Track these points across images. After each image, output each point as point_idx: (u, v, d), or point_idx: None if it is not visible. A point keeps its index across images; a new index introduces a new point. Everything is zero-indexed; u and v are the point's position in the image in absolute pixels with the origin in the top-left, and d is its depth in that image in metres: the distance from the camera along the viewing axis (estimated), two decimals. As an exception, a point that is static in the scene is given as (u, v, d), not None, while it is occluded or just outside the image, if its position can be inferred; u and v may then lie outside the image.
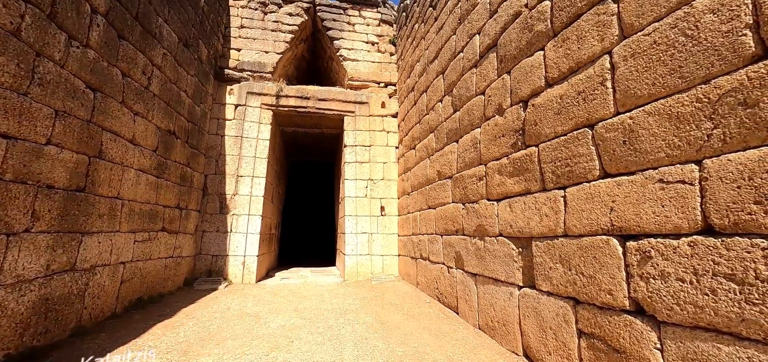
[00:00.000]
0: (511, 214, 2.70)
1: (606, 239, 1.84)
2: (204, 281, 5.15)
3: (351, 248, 5.96)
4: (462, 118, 3.66)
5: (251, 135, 6.02)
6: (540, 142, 2.41)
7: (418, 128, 5.18)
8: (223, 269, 5.48)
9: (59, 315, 2.65)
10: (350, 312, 3.77)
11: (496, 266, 2.86)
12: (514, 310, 2.61)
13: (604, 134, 1.90)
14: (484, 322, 3.04)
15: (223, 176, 5.77)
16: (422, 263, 4.71)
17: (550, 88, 2.34)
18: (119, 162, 3.34)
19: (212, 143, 5.84)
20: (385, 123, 6.63)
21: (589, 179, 1.98)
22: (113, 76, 3.21)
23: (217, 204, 5.67)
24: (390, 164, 6.47)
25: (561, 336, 2.13)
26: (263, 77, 6.36)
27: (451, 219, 3.79)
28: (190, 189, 5.12)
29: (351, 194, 6.20)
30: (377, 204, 6.25)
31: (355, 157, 6.37)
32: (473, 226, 3.28)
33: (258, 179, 5.90)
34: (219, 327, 3.18)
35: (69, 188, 2.71)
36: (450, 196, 3.88)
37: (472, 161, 3.37)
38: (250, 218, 5.72)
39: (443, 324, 3.32)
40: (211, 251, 5.51)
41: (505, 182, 2.80)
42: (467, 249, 3.38)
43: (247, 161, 5.90)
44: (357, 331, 3.10)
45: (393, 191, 6.36)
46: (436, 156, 4.37)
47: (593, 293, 1.90)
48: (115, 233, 3.31)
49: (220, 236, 5.57)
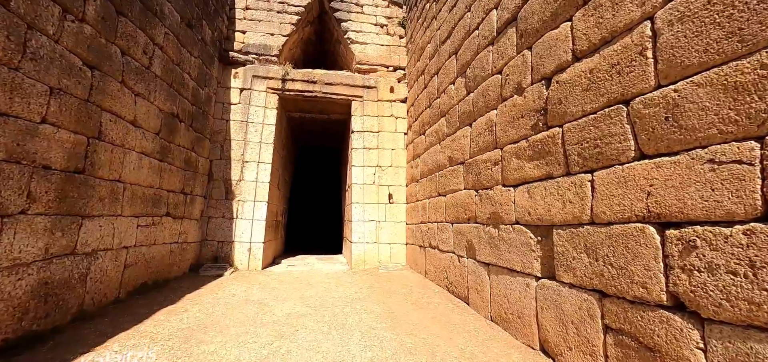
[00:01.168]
0: (529, 201, 2.53)
1: (641, 226, 1.66)
2: (210, 267, 5.11)
3: (358, 236, 5.85)
4: (476, 100, 3.46)
5: (257, 120, 5.89)
6: (564, 122, 2.21)
7: (429, 112, 4.99)
8: (229, 256, 5.42)
9: (60, 300, 2.58)
10: (357, 300, 3.66)
11: (512, 256, 2.70)
12: (531, 302, 2.46)
13: (641, 111, 1.70)
14: (496, 313, 2.90)
15: (228, 161, 5.67)
16: (431, 252, 4.57)
17: (577, 63, 2.14)
18: (120, 144, 3.24)
19: (217, 127, 5.73)
20: (393, 108, 6.43)
21: (622, 161, 1.79)
22: (112, 54, 3.08)
23: (223, 190, 5.59)
24: (398, 150, 6.29)
25: (584, 331, 1.98)
26: (269, 60, 6.19)
27: (463, 207, 3.62)
28: (195, 174, 5.03)
29: (358, 181, 6.06)
30: (385, 192, 6.11)
31: (362, 143, 6.20)
32: (487, 214, 3.12)
33: (264, 165, 5.79)
34: (223, 313, 3.10)
35: (67, 169, 2.62)
36: (462, 182, 3.70)
37: (487, 146, 3.19)
38: (256, 204, 5.63)
39: (453, 315, 3.19)
40: (217, 237, 5.45)
41: (523, 166, 2.62)
42: (480, 238, 3.22)
43: (253, 147, 5.79)
44: (364, 320, 2.99)
45: (401, 179, 6.20)
46: (447, 141, 4.19)
47: (624, 286, 1.73)
48: (116, 217, 3.22)
49: (225, 222, 5.50)
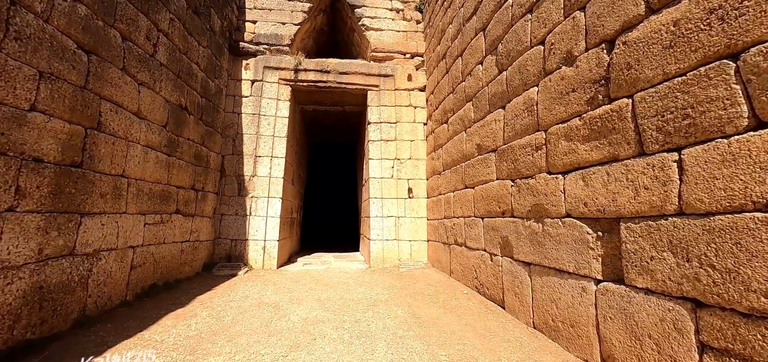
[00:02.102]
0: (585, 189, 2.13)
1: (763, 216, 1.26)
2: (223, 266, 4.89)
3: (376, 232, 5.53)
4: (511, 77, 3.06)
5: (269, 112, 5.63)
6: (636, 91, 1.81)
7: (452, 98, 4.60)
8: (243, 254, 5.20)
9: (58, 305, 2.36)
10: (379, 303, 3.34)
11: (561, 254, 2.31)
12: (589, 309, 2.07)
13: (760, 64, 1.29)
14: (541, 320, 2.51)
15: (240, 156, 5.45)
16: (457, 249, 4.20)
17: (654, 16, 1.72)
18: (123, 136, 3.01)
19: (229, 121, 5.51)
20: (412, 97, 6.06)
21: (729, 132, 1.38)
22: (111, 38, 2.85)
23: (236, 186, 5.36)
24: (418, 142, 5.92)
25: (668, 349, 1.58)
26: (280, 51, 5.93)
27: (496, 199, 3.24)
28: (206, 170, 4.82)
29: (376, 174, 5.73)
30: (404, 186, 5.76)
31: (379, 135, 5.87)
32: (527, 206, 2.73)
33: (277, 160, 5.53)
34: (234, 318, 2.84)
35: (62, 162, 2.38)
36: (494, 172, 3.31)
37: (526, 128, 2.79)
38: (270, 200, 5.39)
39: (489, 321, 2.82)
40: (230, 235, 5.24)
41: (576, 149, 2.22)
42: (518, 234, 2.84)
43: (266, 141, 5.54)
44: (389, 327, 2.66)
45: (421, 172, 5.84)
46: (475, 128, 3.80)
47: (733, 294, 1.33)
48: (121, 214, 3.00)
49: (239, 219, 5.28)
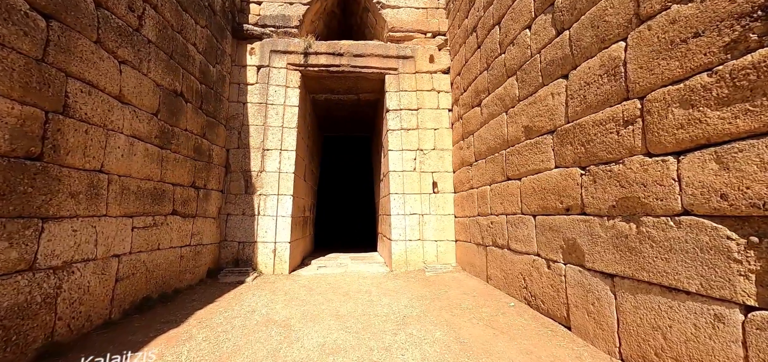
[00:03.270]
0: (723, 175, 1.48)
1: None
2: (230, 272, 4.40)
3: (398, 232, 4.94)
4: (578, 36, 2.40)
5: (277, 101, 5.09)
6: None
7: (486, 76, 3.95)
8: (252, 258, 4.70)
9: (11, 334, 1.86)
10: (411, 320, 2.75)
11: (674, 266, 1.67)
12: (729, 348, 1.42)
13: None
14: (637, 353, 1.88)
15: (247, 149, 4.93)
16: (496, 252, 3.57)
17: None
18: (99, 124, 2.50)
19: (233, 111, 5.00)
20: (434, 81, 5.42)
21: None
22: (79, 1, 2.32)
23: (242, 183, 4.86)
24: (442, 130, 5.28)
25: None
26: (288, 33, 5.37)
27: (556, 192, 2.60)
28: (208, 165, 4.32)
29: (397, 167, 5.13)
30: (428, 179, 5.14)
31: (400, 123, 5.25)
32: (609, 200, 2.08)
33: (287, 153, 5.00)
34: (235, 345, 2.30)
35: (11, 154, 1.88)
36: (552, 159, 2.67)
37: (605, 98, 2.14)
38: (280, 198, 4.86)
39: (555, 347, 2.19)
40: (238, 237, 4.74)
41: (704, 118, 1.56)
42: (593, 236, 2.20)
43: (274, 132, 5.01)
44: (430, 359, 2.07)
45: (447, 163, 5.20)
46: (521, 107, 3.15)
47: None
48: (100, 218, 2.50)
49: (246, 220, 4.77)
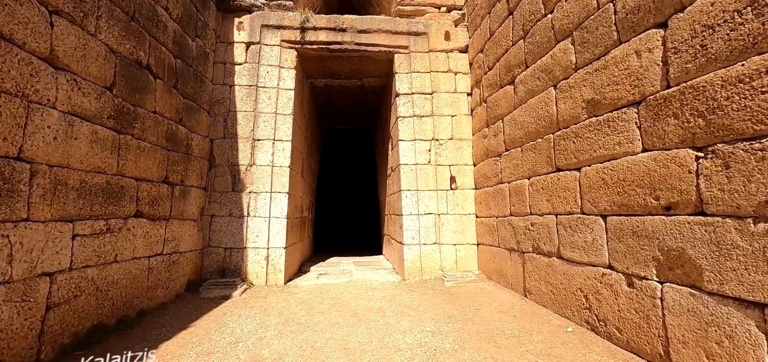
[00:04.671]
0: None
1: None
2: (214, 284, 3.69)
3: (411, 235, 4.25)
4: (684, -35, 1.71)
5: (270, 84, 4.38)
6: None
7: (522, 47, 3.26)
8: (241, 267, 4.00)
9: None
10: (442, 354, 2.05)
11: None
12: None
13: None
14: (821, 432, 1.19)
15: (234, 140, 4.22)
16: (539, 260, 2.89)
17: None
18: (14, 92, 1.79)
19: (218, 95, 4.28)
20: (451, 61, 4.72)
21: None
22: None
23: (229, 179, 4.15)
24: (460, 117, 4.59)
25: None
26: (282, 6, 4.66)
27: (646, 184, 1.91)
28: (187, 157, 3.61)
29: (408, 160, 4.44)
30: (445, 173, 4.45)
31: (412, 109, 4.56)
32: (760, 194, 1.40)
33: (281, 144, 4.29)
34: (203, 405, 1.60)
35: None
36: (636, 138, 1.99)
37: (750, 43, 1.46)
38: (273, 196, 4.16)
39: (666, 408, 1.51)
40: (224, 242, 4.03)
41: None
42: (720, 246, 1.51)
43: (266, 120, 4.30)
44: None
45: (466, 155, 4.51)
46: (580, 76, 2.46)
47: None
48: (16, 223, 1.79)
49: (234, 222, 4.07)
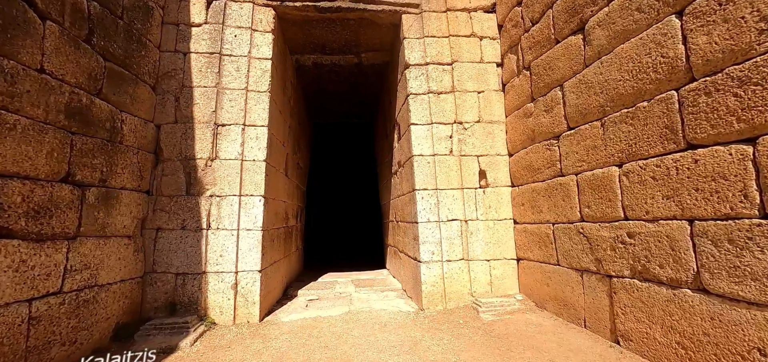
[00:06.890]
0: None
1: None
2: (156, 328, 2.57)
3: (430, 249, 3.18)
4: None
5: (238, 51, 3.29)
6: None
7: (597, -25, 2.24)
8: (198, 300, 2.88)
9: None
10: None
11: None
12: None
13: None
14: None
15: (189, 124, 3.11)
16: (648, 291, 1.85)
17: None
18: None
19: (168, 66, 3.17)
20: (474, 23, 3.69)
21: None
22: None
23: (182, 178, 3.03)
24: (489, 93, 3.56)
25: None
26: (257, -47, 3.57)
27: None
28: (111, 145, 2.49)
29: (424, 150, 3.38)
30: (473, 167, 3.40)
31: (426, 84, 3.50)
32: None
33: (254, 131, 3.19)
34: None
35: None
36: None
37: None
38: (244, 201, 3.05)
39: None
40: (174, 266, 2.91)
41: None
42: None
43: (233, 99, 3.20)
44: None
45: (498, 143, 3.48)
46: (745, -18, 1.44)
47: None
48: None
49: (188, 238, 2.95)
